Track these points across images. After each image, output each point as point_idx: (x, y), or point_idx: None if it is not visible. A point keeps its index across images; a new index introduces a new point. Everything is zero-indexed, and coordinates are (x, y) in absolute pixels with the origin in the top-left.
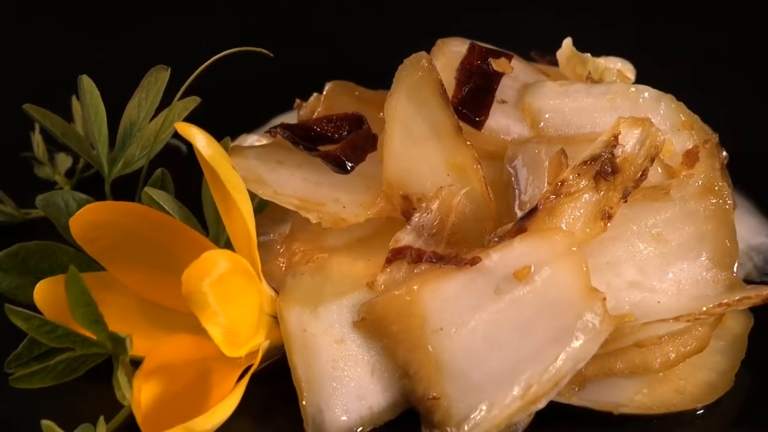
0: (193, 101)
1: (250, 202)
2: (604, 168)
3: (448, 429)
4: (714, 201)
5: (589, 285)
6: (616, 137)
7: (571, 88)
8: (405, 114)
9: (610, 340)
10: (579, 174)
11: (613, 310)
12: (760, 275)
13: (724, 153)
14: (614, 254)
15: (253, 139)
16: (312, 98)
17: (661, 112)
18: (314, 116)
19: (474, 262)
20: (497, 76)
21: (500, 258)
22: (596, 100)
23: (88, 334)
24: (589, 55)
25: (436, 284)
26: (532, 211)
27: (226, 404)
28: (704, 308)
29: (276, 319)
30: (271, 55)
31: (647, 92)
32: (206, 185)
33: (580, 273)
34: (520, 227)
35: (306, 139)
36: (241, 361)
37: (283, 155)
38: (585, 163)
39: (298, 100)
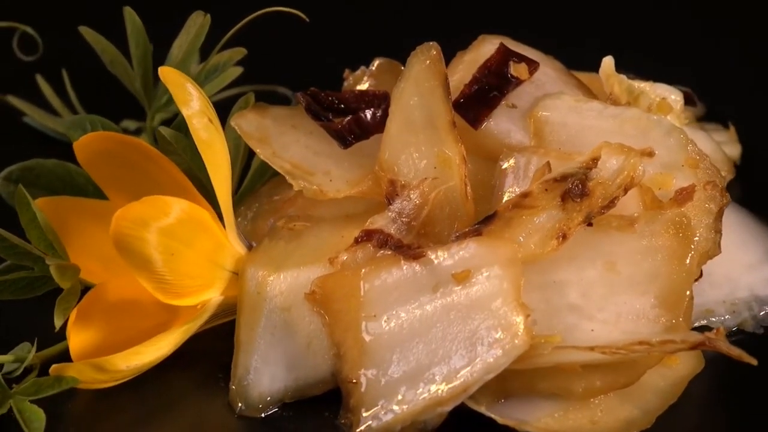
0: (239, 52)
1: (223, 156)
2: (574, 188)
3: (358, 415)
4: (678, 244)
5: (518, 299)
6: (595, 160)
7: (585, 105)
8: (408, 100)
9: (526, 357)
10: (546, 189)
11: (542, 330)
12: (755, 326)
13: (728, 199)
14: (564, 275)
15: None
16: (359, 71)
17: (670, 145)
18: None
19: (417, 256)
20: (512, 81)
21: (444, 257)
22: (605, 122)
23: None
24: (624, 77)
25: (382, 271)
26: (490, 218)
27: (148, 348)
28: (622, 345)
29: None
30: (307, 19)
31: (660, 123)
32: (228, 135)
33: (513, 286)
34: (477, 231)
35: (329, 108)
36: (190, 312)
37: (299, 120)
38: (555, 179)
39: (347, 71)
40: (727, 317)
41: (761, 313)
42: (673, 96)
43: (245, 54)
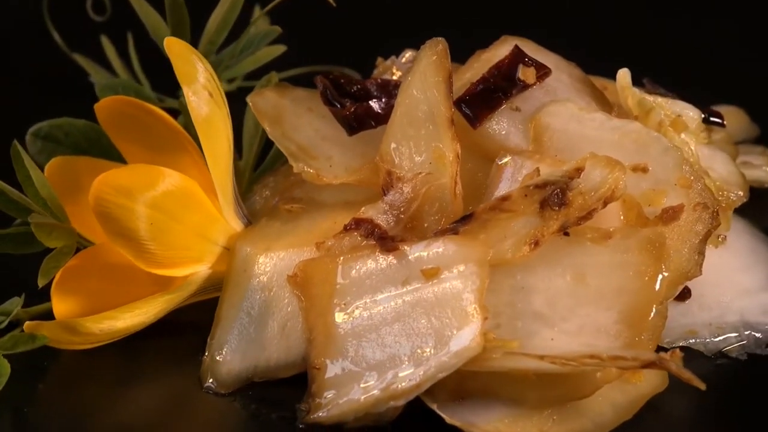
0: (274, 30)
1: (223, 132)
2: (553, 196)
3: (317, 400)
4: (649, 262)
5: (480, 301)
6: (579, 170)
7: (588, 115)
8: (413, 93)
9: (478, 360)
10: (526, 195)
11: (505, 334)
12: (740, 352)
13: (718, 223)
14: (533, 281)
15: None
16: (388, 61)
17: (665, 163)
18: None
19: (392, 248)
20: (518, 84)
21: (418, 253)
22: (605, 134)
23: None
24: (637, 90)
25: (358, 260)
26: (468, 218)
27: (123, 314)
28: (572, 357)
29: None
30: (334, 5)
31: (659, 140)
32: (249, 112)
33: (477, 288)
34: (454, 230)
35: (348, 95)
36: (175, 283)
37: (317, 104)
38: (536, 185)
39: (379, 59)
40: (710, 340)
41: (748, 340)
42: (691, 113)
43: (280, 32)
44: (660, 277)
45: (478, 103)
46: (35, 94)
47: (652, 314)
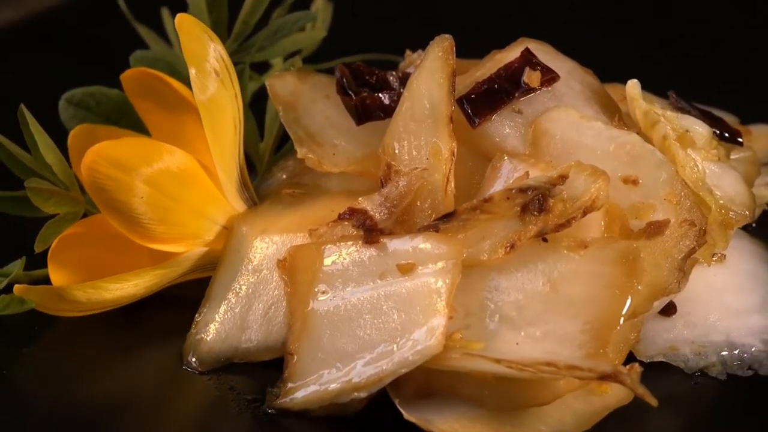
0: (306, 15)
1: (228, 114)
2: (534, 202)
3: (288, 386)
4: (621, 275)
5: (448, 300)
6: (563, 177)
7: (588, 123)
8: (417, 88)
9: (439, 358)
10: (508, 198)
11: (473, 334)
12: (721, 372)
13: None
14: (507, 284)
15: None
16: (415, 54)
17: (657, 177)
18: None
19: (372, 241)
20: (522, 87)
21: (396, 247)
22: (600, 143)
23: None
24: (643, 103)
25: (340, 250)
26: (449, 216)
27: (111, 285)
28: (529, 363)
29: None
30: None
31: (653, 154)
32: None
33: (447, 287)
34: (435, 227)
35: (366, 84)
36: (171, 259)
37: (335, 91)
38: (520, 189)
39: (408, 51)
40: (691, 358)
41: (731, 360)
42: (699, 129)
43: (314, 17)
44: (632, 291)
45: (480, 103)
46: (90, 62)
47: (618, 327)
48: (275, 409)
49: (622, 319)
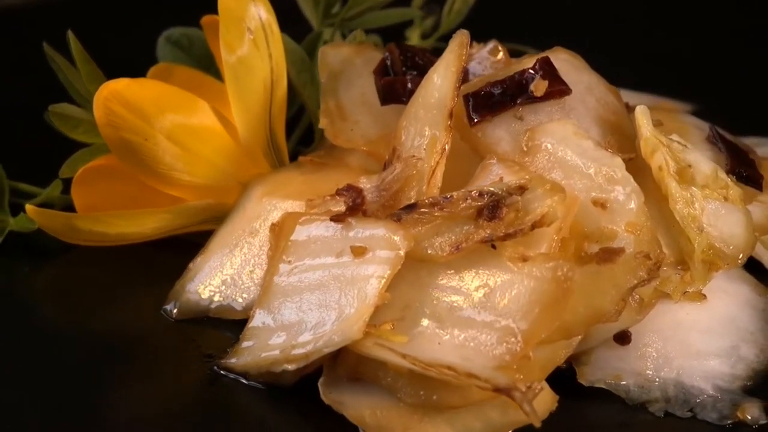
0: None
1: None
2: (488, 207)
3: (240, 346)
4: (550, 296)
5: (381, 289)
6: (521, 189)
7: (579, 141)
8: (432, 78)
9: (357, 344)
10: (468, 199)
11: (406, 327)
12: (660, 410)
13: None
14: (448, 283)
15: None
16: (475, 48)
17: (625, 206)
18: None
19: (339, 219)
20: (526, 95)
21: (356, 229)
22: (583, 162)
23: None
24: (646, 130)
25: (313, 224)
26: (410, 207)
27: (113, 220)
28: (432, 363)
29: None
30: None
31: (628, 181)
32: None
33: (384, 276)
34: (397, 216)
35: (414, 67)
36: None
37: None
38: (479, 193)
39: (473, 42)
40: (634, 390)
41: (674, 400)
42: (703, 166)
43: None
44: (558, 311)
45: (482, 102)
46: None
47: (534, 346)
48: (222, 368)
49: (541, 338)
